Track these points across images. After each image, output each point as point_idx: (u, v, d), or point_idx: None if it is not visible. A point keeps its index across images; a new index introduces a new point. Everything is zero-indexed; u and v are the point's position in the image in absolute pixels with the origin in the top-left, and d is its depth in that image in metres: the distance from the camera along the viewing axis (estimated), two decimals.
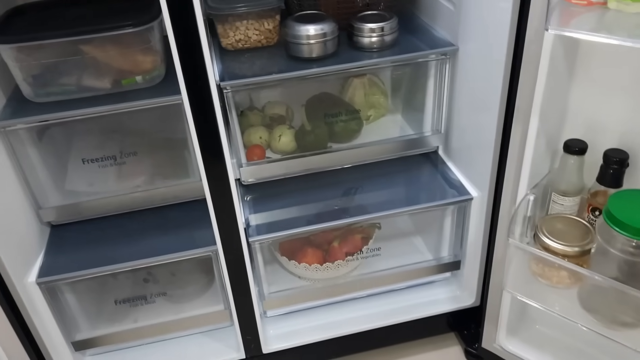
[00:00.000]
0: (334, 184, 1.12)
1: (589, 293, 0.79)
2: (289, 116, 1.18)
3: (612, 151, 0.81)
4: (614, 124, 0.83)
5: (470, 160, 1.06)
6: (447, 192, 1.07)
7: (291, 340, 1.11)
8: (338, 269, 1.13)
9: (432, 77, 1.09)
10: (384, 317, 1.14)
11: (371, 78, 1.19)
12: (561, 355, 1.00)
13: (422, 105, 1.14)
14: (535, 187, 0.88)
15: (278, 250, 1.16)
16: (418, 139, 1.15)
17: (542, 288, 0.85)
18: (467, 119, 1.04)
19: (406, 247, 1.26)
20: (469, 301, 1.14)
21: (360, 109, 1.18)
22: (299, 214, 1.05)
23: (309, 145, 1.11)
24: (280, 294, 1.12)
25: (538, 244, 0.84)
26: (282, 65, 1.00)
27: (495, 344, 1.06)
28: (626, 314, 0.74)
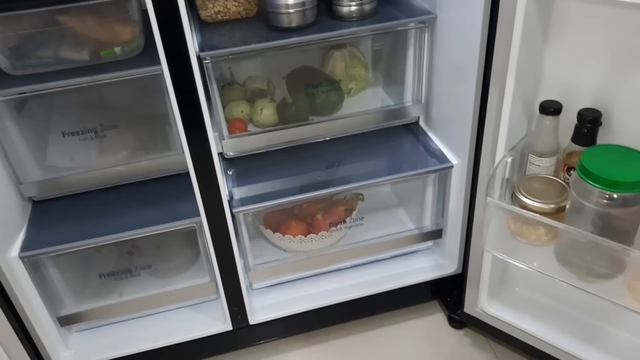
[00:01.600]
0: (317, 156, 1.13)
1: (565, 248, 0.81)
2: (270, 90, 1.19)
3: (585, 110, 0.83)
4: (587, 85, 0.85)
5: (450, 129, 1.08)
6: (428, 161, 1.09)
7: (277, 311, 1.12)
8: (322, 241, 1.14)
9: (411, 47, 1.10)
10: (368, 286, 1.16)
11: (351, 50, 1.20)
12: (540, 316, 1.03)
13: (402, 76, 1.15)
14: (512, 150, 0.90)
15: (262, 223, 1.17)
16: (399, 109, 1.16)
17: (520, 246, 0.87)
18: (446, 88, 1.05)
19: (389, 218, 1.27)
20: (451, 269, 1.16)
21: (342, 81, 1.19)
22: (282, 186, 1.06)
23: (290, 118, 1.12)
24: (266, 265, 1.13)
25: (516, 204, 0.86)
26: (262, 36, 1.00)
27: (477, 308, 1.09)
28: (600, 266, 0.77)
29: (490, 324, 1.08)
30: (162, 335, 1.08)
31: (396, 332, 1.19)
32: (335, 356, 1.15)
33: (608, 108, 0.85)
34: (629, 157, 0.75)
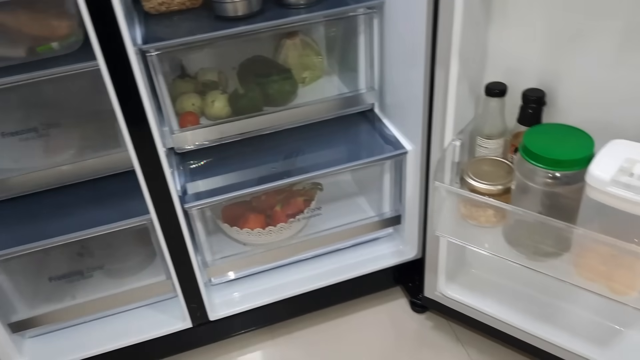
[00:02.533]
0: (273, 147, 1.11)
1: (512, 228, 0.82)
2: (222, 82, 1.16)
3: (529, 91, 0.83)
4: (532, 65, 0.85)
5: (403, 115, 1.07)
6: (383, 148, 1.08)
7: (238, 305, 1.11)
8: (281, 232, 1.13)
9: (362, 34, 1.09)
10: (330, 275, 1.15)
11: (304, 39, 1.18)
12: (497, 296, 1.04)
13: (355, 63, 1.14)
14: (461, 133, 0.90)
15: (221, 217, 1.15)
16: (353, 97, 1.15)
17: (471, 229, 0.87)
18: (398, 74, 1.05)
19: (350, 207, 1.27)
20: (411, 254, 1.17)
21: (295, 70, 1.17)
22: (237, 179, 1.04)
23: (242, 109, 1.10)
24: (225, 260, 1.11)
25: (465, 187, 0.86)
26: (207, 26, 0.98)
27: (436, 291, 1.09)
28: (547, 245, 0.78)
29: (450, 306, 1.09)
30: (121, 336, 1.06)
31: (360, 320, 1.19)
32: (300, 347, 1.15)
33: (553, 87, 0.85)
34: (570, 135, 0.75)
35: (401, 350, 1.12)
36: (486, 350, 1.10)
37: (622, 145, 0.71)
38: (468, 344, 1.11)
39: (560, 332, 0.98)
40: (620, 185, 0.66)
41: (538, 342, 1.00)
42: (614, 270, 0.72)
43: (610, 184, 0.66)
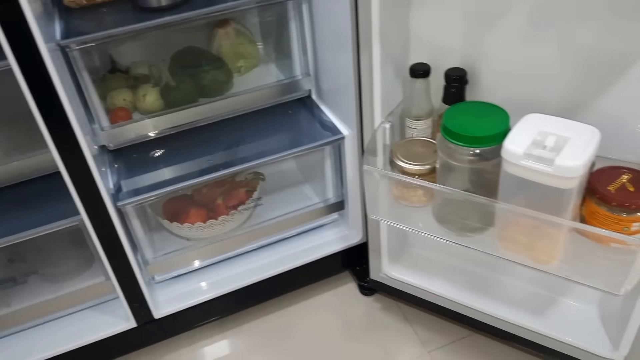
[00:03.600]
0: (211, 139, 1.10)
1: (440, 206, 0.83)
2: (154, 75, 1.14)
3: (451, 70, 0.84)
4: (454, 44, 0.86)
5: (339, 100, 1.07)
6: (321, 134, 1.08)
7: (184, 301, 1.09)
8: (224, 225, 1.12)
9: (292, 20, 1.08)
10: (277, 265, 1.15)
11: (236, 27, 1.16)
12: (439, 273, 1.06)
13: (289, 50, 1.13)
14: (390, 115, 0.90)
15: (162, 213, 1.13)
16: (290, 83, 1.14)
17: (405, 210, 0.88)
18: (330, 60, 1.05)
19: (295, 195, 1.26)
20: (356, 238, 1.17)
21: (229, 60, 1.15)
22: (174, 173, 1.02)
23: (175, 102, 1.08)
24: (168, 257, 1.10)
25: (396, 169, 0.86)
26: (130, 19, 0.95)
27: (381, 273, 1.11)
28: (473, 220, 0.79)
29: (396, 287, 1.10)
30: (64, 341, 1.03)
31: (310, 307, 1.20)
32: (250, 339, 1.15)
33: (475, 66, 0.86)
34: (487, 112, 0.76)
35: (350, 333, 1.13)
36: (432, 327, 1.12)
37: (535, 119, 0.72)
38: (415, 322, 1.13)
39: (500, 304, 1.01)
40: (533, 158, 0.67)
41: (479, 316, 1.02)
42: (535, 241, 0.74)
43: (524, 157, 0.68)
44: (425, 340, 1.10)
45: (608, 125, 0.78)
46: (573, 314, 0.97)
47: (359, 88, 0.93)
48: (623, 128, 0.78)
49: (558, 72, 0.78)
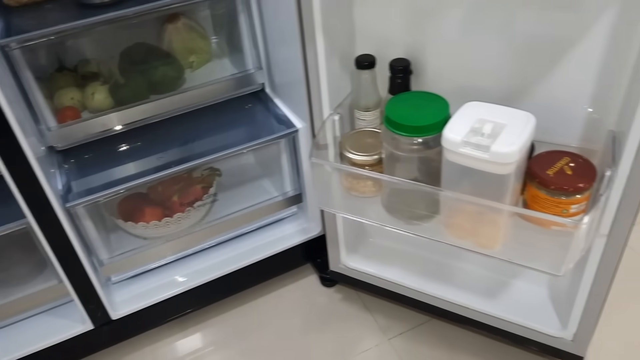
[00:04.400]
0: (166, 135, 1.09)
1: (388, 196, 0.84)
2: (103, 72, 1.11)
3: (395, 61, 0.84)
4: (398, 36, 0.86)
5: (291, 93, 1.07)
6: (275, 128, 1.08)
7: (142, 301, 1.08)
8: (180, 223, 1.11)
9: (241, 13, 1.07)
10: (238, 260, 1.15)
11: (187, 22, 1.15)
12: (396, 262, 1.07)
13: (240, 44, 1.13)
14: (339, 107, 0.90)
15: (116, 213, 1.12)
16: (242, 77, 1.13)
17: (356, 200, 0.89)
18: (280, 53, 1.04)
19: (254, 189, 1.26)
20: (315, 231, 1.18)
21: (181, 55, 1.14)
22: (127, 171, 1.01)
23: (125, 99, 1.06)
24: (124, 256, 1.08)
25: (345, 161, 0.87)
26: (74, 15, 0.93)
27: (340, 264, 1.11)
28: (420, 209, 0.80)
29: (355, 277, 1.11)
30: (19, 346, 1.01)
31: (272, 301, 1.20)
32: (212, 336, 1.14)
33: (419, 56, 0.87)
34: (428, 101, 0.77)
35: (312, 325, 1.14)
36: (392, 314, 1.13)
37: (474, 107, 0.74)
38: (375, 311, 1.15)
39: (455, 289, 1.03)
40: (471, 146, 0.68)
41: (437, 302, 1.04)
42: (479, 226, 0.75)
43: (462, 145, 0.69)
44: (385, 328, 1.11)
45: (547, 111, 0.80)
46: (524, 295, 0.99)
47: (307, 81, 0.93)
48: (562, 113, 0.80)
49: (498, 60, 0.80)
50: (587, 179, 0.73)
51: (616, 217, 0.76)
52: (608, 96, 0.76)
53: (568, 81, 0.78)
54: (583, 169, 0.74)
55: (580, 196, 0.73)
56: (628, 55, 0.71)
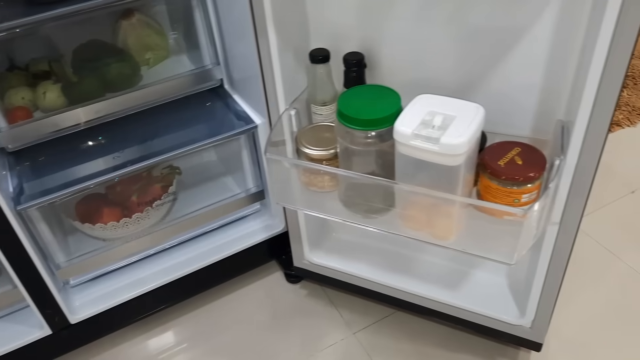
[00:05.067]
0: (122, 134, 1.07)
1: (346, 191, 0.84)
2: (55, 71, 1.08)
3: (348, 55, 0.84)
4: (352, 29, 0.86)
5: (249, 88, 1.06)
6: (235, 124, 1.06)
7: (102, 304, 1.06)
8: (139, 223, 1.09)
9: (197, 9, 1.05)
10: (201, 258, 1.14)
11: (142, 18, 1.12)
12: (358, 255, 1.08)
13: (197, 39, 1.11)
14: (295, 102, 0.90)
15: (73, 215, 1.09)
16: (200, 73, 1.12)
17: (313, 195, 0.88)
18: (237, 48, 1.03)
19: (217, 187, 1.25)
20: (279, 227, 1.17)
21: (136, 52, 1.12)
22: (84, 172, 0.98)
23: (78, 98, 1.03)
24: (82, 259, 1.06)
25: (302, 156, 0.86)
26: (23, 12, 0.90)
27: (304, 260, 1.11)
28: (376, 202, 0.80)
29: (319, 272, 1.11)
30: None
31: (237, 299, 1.19)
32: (177, 336, 1.13)
33: (374, 50, 0.87)
34: (380, 94, 0.77)
35: (278, 322, 1.13)
36: (357, 308, 1.14)
37: (425, 99, 0.74)
38: (341, 306, 1.15)
39: (417, 281, 1.04)
40: (421, 138, 0.68)
41: (400, 294, 1.05)
42: (433, 218, 0.76)
43: (413, 137, 0.69)
44: (350, 322, 1.11)
45: (499, 102, 0.81)
46: (484, 285, 1.01)
47: (263, 76, 0.92)
48: (513, 104, 0.81)
49: (449, 52, 0.80)
50: (537, 168, 0.74)
51: (567, 205, 0.78)
52: (556, 86, 0.77)
53: (517, 72, 0.79)
54: (533, 159, 0.75)
55: (531, 185, 0.74)
56: (573, 45, 0.72)
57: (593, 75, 0.65)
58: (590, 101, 0.67)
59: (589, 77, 0.66)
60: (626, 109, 1.60)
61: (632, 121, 1.56)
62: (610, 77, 0.65)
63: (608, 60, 0.64)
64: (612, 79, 0.65)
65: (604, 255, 1.20)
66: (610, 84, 0.65)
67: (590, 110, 0.68)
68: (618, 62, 0.63)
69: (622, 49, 0.62)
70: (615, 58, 0.63)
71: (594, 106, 0.68)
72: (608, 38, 0.62)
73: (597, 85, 0.66)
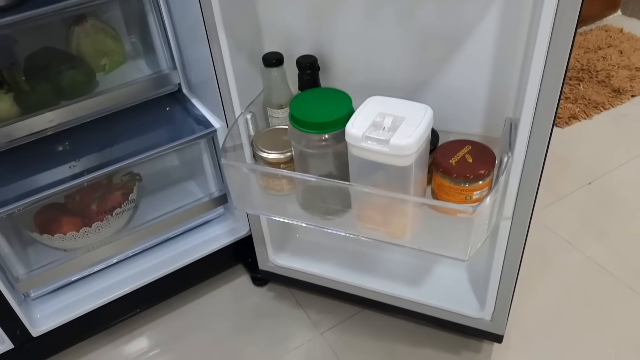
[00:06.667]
0: (79, 141, 1.05)
1: (303, 193, 0.84)
2: (7, 80, 1.06)
3: (301, 58, 0.84)
4: (304, 32, 0.87)
5: (206, 93, 1.05)
6: (194, 129, 1.06)
7: (65, 315, 1.04)
8: (100, 232, 1.07)
9: (150, 13, 1.04)
10: (166, 264, 1.13)
11: (95, 24, 1.10)
12: (322, 256, 1.09)
13: (152, 44, 1.10)
14: (252, 105, 0.90)
15: (31, 225, 1.07)
16: (157, 78, 1.11)
17: (272, 199, 0.89)
18: (192, 52, 1.02)
19: (180, 192, 1.24)
20: (244, 230, 1.17)
21: (91, 58, 1.10)
22: (38, 182, 0.96)
23: (32, 106, 1.01)
24: (42, 270, 1.04)
25: (259, 160, 0.86)
26: None
27: (269, 262, 1.11)
28: (334, 204, 0.81)
29: (284, 274, 1.12)
30: None
31: (203, 304, 1.18)
32: (143, 344, 1.12)
33: (327, 52, 0.88)
34: (332, 97, 0.78)
35: (245, 325, 1.13)
36: (324, 308, 1.14)
37: (376, 101, 0.75)
38: (308, 307, 1.15)
39: (381, 279, 1.05)
40: (372, 140, 0.69)
41: (365, 292, 1.06)
42: (388, 217, 0.77)
43: (363, 140, 0.70)
44: (317, 322, 1.12)
45: (450, 101, 0.82)
46: (445, 280, 1.03)
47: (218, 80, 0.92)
48: (464, 102, 0.83)
49: (399, 53, 0.82)
50: (487, 165, 0.76)
51: (518, 200, 0.80)
52: (504, 85, 0.79)
53: (466, 71, 0.80)
54: (483, 157, 0.77)
55: (482, 182, 0.76)
56: (517, 44, 0.74)
57: (535, 72, 0.67)
58: (534, 98, 0.69)
59: (531, 74, 0.67)
60: (582, 102, 1.64)
61: (588, 114, 1.61)
62: (551, 74, 0.67)
63: (548, 58, 0.65)
64: (553, 76, 0.67)
65: (563, 246, 1.24)
66: (552, 81, 0.67)
67: (534, 107, 0.70)
68: (557, 59, 0.65)
69: (561, 46, 0.64)
70: (554, 55, 0.65)
71: (538, 103, 0.70)
72: (547, 36, 0.64)
73: (539, 83, 0.68)
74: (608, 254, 1.21)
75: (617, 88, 1.67)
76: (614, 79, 1.70)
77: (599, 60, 1.78)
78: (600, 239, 1.25)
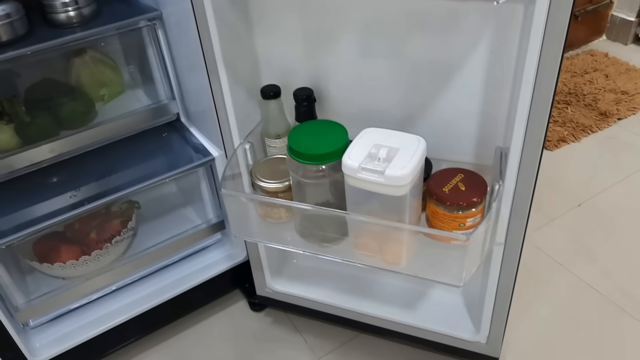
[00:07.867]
0: (79, 171, 1.07)
1: (301, 221, 0.86)
2: (7, 111, 1.08)
3: (298, 90, 0.87)
4: (300, 66, 0.90)
5: (205, 122, 1.08)
6: (192, 157, 1.08)
7: (63, 344, 1.05)
8: (99, 260, 1.08)
9: (149, 45, 1.07)
10: (165, 291, 1.14)
11: (94, 55, 1.13)
12: (319, 281, 1.10)
13: (151, 75, 1.12)
14: (250, 135, 0.92)
15: (30, 255, 1.08)
16: (156, 108, 1.13)
17: (270, 227, 0.91)
18: (191, 83, 1.05)
19: (178, 219, 1.25)
20: (241, 256, 1.18)
21: (90, 89, 1.12)
22: (38, 212, 0.98)
23: (32, 138, 1.03)
24: (42, 299, 1.04)
25: (258, 189, 0.88)
26: None
27: (266, 288, 1.13)
28: (331, 232, 0.83)
29: (282, 300, 1.13)
30: None
31: (202, 330, 1.19)
32: None
33: (323, 84, 0.91)
34: (328, 129, 0.80)
35: (243, 350, 1.14)
36: (321, 333, 1.15)
37: (371, 133, 0.77)
38: (305, 331, 1.16)
39: (378, 303, 1.07)
40: (368, 171, 0.72)
41: (362, 317, 1.07)
42: (384, 245, 0.79)
43: (360, 170, 0.72)
44: (315, 347, 1.13)
45: (441, 131, 0.85)
46: (441, 304, 1.04)
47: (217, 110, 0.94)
48: (455, 132, 0.86)
49: (392, 84, 0.85)
50: (479, 193, 0.78)
51: (509, 226, 0.82)
52: (494, 115, 0.82)
53: (457, 102, 0.83)
54: (475, 184, 0.79)
55: (474, 210, 0.79)
56: (506, 75, 0.77)
57: (523, 100, 0.70)
58: (523, 127, 0.72)
59: (519, 102, 0.70)
60: (570, 125, 1.68)
61: (576, 137, 1.65)
62: (539, 103, 0.69)
63: (536, 86, 0.68)
64: (540, 105, 0.69)
65: (555, 268, 1.26)
66: (540, 108, 0.70)
67: (523, 136, 0.73)
68: (544, 90, 0.68)
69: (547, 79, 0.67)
70: (541, 86, 0.68)
71: (527, 131, 0.72)
72: (534, 65, 0.66)
73: (528, 111, 0.70)
74: (599, 274, 1.24)
75: (603, 111, 1.72)
76: (600, 102, 1.75)
77: (585, 84, 1.84)
78: (591, 260, 1.27)
